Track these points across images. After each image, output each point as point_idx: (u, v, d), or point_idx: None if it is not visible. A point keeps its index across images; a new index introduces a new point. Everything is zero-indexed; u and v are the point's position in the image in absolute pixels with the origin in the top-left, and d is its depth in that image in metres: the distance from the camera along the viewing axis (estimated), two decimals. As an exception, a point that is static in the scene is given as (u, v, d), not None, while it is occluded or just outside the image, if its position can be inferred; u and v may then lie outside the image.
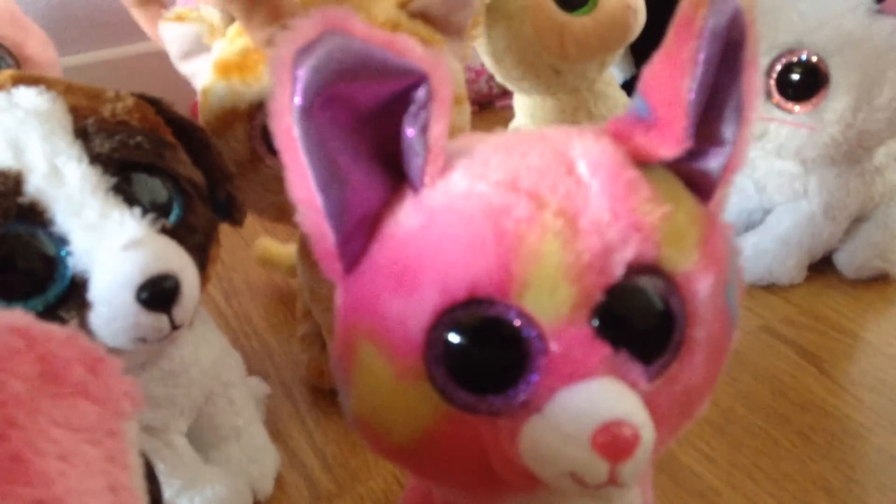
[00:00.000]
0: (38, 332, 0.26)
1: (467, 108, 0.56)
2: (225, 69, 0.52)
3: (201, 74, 0.55)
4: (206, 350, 0.54)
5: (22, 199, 0.40)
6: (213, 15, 0.54)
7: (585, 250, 0.26)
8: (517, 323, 0.27)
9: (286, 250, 0.79)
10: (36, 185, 0.41)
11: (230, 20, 0.54)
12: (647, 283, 0.28)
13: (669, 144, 0.28)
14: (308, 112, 0.26)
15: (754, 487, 0.55)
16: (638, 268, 0.27)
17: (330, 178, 0.27)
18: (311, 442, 0.62)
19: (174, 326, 0.43)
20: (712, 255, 0.29)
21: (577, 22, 0.74)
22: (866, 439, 0.59)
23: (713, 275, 0.29)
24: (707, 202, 0.31)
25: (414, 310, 0.27)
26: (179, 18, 0.55)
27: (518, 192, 0.27)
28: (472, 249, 0.27)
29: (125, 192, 0.43)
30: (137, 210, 0.42)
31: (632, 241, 0.27)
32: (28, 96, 0.43)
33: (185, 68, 0.57)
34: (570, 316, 0.26)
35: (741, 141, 0.29)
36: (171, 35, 0.56)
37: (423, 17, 0.52)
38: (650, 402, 0.27)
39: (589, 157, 0.28)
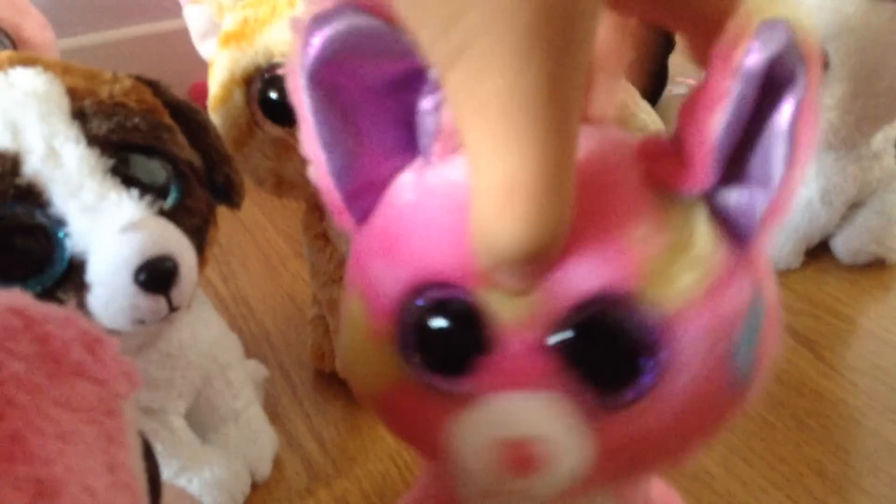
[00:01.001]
0: (36, 313, 0.26)
1: None
2: (226, 40, 0.54)
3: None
4: (204, 332, 0.54)
5: (19, 180, 0.40)
6: None
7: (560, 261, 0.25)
8: (476, 316, 0.26)
9: None
10: (33, 166, 0.40)
11: None
12: (618, 312, 0.26)
13: (692, 178, 0.26)
14: (315, 79, 0.26)
15: (748, 470, 0.55)
16: (613, 294, 0.26)
17: (333, 142, 0.28)
18: (309, 424, 0.62)
19: (172, 308, 0.43)
20: (717, 302, 0.27)
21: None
22: (861, 423, 0.59)
23: (708, 323, 0.27)
24: (743, 244, 0.28)
25: (392, 278, 0.28)
26: (194, 1, 0.57)
27: None
28: (451, 237, 0.27)
29: (123, 174, 0.43)
30: (135, 192, 0.42)
31: (613, 264, 0.26)
32: (25, 77, 0.43)
33: (203, 50, 0.58)
34: (528, 322, 0.26)
35: (788, 183, 0.26)
36: (190, 17, 0.58)
37: None
38: (600, 433, 0.26)
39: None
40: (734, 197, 0.27)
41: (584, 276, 0.25)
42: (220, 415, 0.57)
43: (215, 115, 0.55)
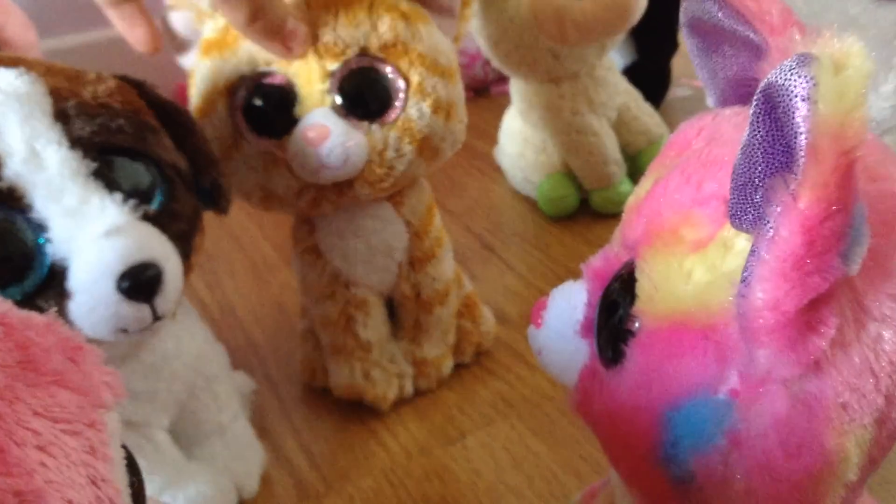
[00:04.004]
0: (16, 320, 0.25)
1: (459, 85, 0.54)
2: (207, 49, 0.51)
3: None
4: (189, 343, 0.52)
5: (0, 184, 0.39)
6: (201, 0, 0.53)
7: None
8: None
9: None
10: (14, 169, 0.39)
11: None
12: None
13: None
14: None
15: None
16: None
17: None
18: (299, 439, 0.61)
19: (156, 317, 0.42)
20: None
21: (577, 5, 0.73)
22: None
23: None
24: None
25: None
26: (173, 7, 0.54)
27: None
28: None
29: (106, 178, 0.42)
30: (118, 196, 0.41)
31: None
32: (7, 78, 0.41)
33: (185, 61, 0.56)
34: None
35: None
36: (167, 26, 0.55)
37: None
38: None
39: None
40: None
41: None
42: (205, 429, 0.56)
43: None
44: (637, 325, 0.28)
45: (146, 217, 0.43)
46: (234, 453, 0.56)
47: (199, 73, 0.52)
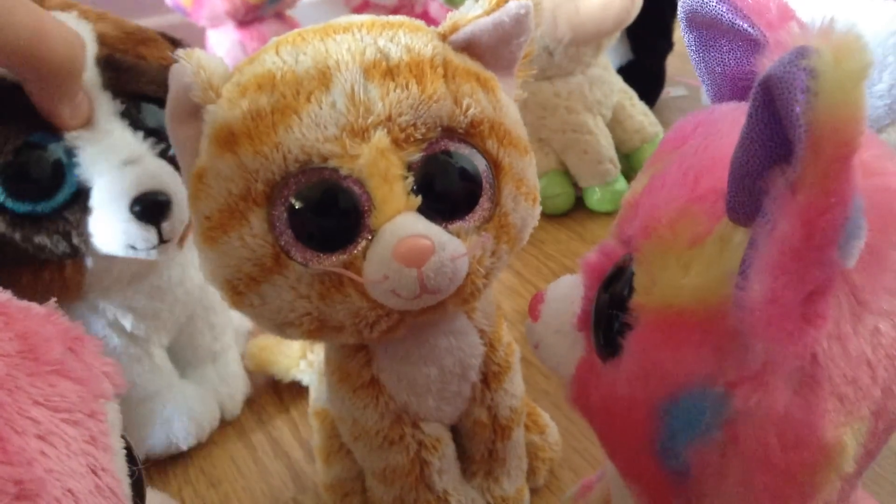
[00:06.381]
0: (17, 309, 0.26)
1: (532, 160, 0.41)
2: (226, 141, 0.36)
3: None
4: (192, 274, 0.57)
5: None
6: (213, 65, 0.37)
7: None
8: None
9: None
10: None
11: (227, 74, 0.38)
12: None
13: None
14: None
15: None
16: None
17: None
18: (296, 433, 0.61)
19: (162, 240, 0.48)
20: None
21: (572, 3, 0.73)
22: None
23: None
24: None
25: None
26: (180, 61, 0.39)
27: None
28: None
29: (132, 118, 0.48)
30: (140, 134, 0.48)
31: None
32: (63, 20, 0.46)
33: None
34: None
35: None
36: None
37: (468, 50, 0.39)
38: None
39: None
40: None
41: None
42: (199, 354, 0.61)
43: (211, 252, 0.37)
44: (634, 318, 0.28)
45: (163, 156, 0.49)
46: (222, 378, 0.61)
47: (217, 174, 0.36)
